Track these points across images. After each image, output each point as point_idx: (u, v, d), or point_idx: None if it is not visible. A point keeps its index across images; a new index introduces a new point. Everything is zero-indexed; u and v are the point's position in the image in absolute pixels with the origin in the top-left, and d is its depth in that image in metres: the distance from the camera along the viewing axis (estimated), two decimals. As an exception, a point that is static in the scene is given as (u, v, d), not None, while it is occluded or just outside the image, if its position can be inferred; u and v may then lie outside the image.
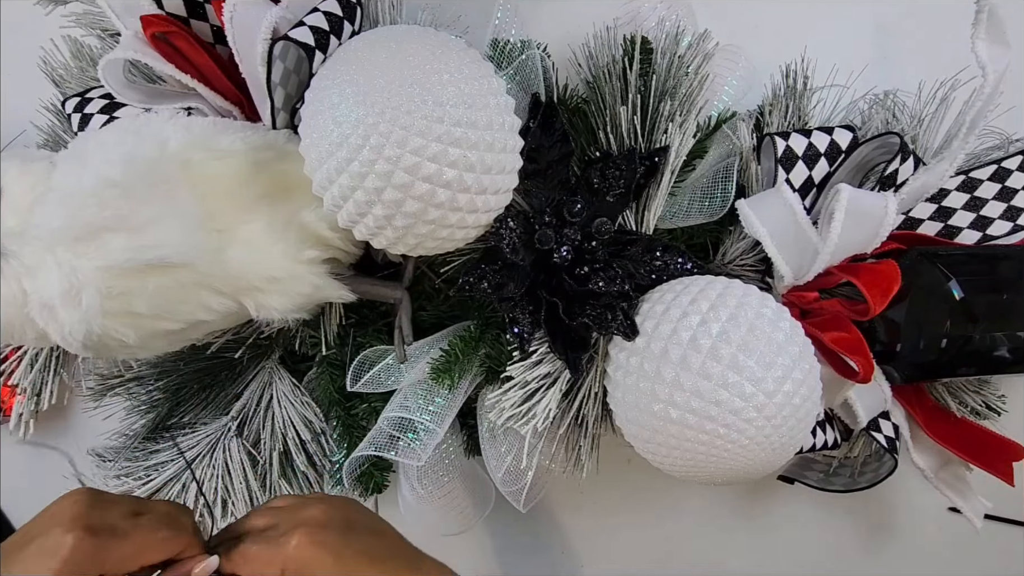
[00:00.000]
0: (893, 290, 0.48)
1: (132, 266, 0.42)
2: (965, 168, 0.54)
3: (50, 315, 0.43)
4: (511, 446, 0.55)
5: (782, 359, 0.44)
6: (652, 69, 0.52)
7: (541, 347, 0.52)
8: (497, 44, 0.53)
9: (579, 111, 0.54)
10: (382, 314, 0.58)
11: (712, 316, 0.46)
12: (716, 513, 0.74)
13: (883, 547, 0.74)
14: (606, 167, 0.51)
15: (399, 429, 0.55)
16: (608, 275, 0.50)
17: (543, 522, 0.74)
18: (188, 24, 0.48)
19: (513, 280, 0.51)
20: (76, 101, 0.53)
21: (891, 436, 0.57)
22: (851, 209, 0.48)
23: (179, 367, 0.60)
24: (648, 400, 0.46)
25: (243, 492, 0.59)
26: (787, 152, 0.52)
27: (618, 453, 0.57)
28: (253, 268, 0.46)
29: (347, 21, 0.45)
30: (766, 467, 0.47)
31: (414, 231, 0.44)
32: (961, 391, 0.61)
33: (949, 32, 0.53)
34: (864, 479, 0.62)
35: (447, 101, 0.40)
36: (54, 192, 0.43)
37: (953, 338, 0.51)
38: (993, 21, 0.46)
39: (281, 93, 0.46)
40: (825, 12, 0.64)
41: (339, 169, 0.41)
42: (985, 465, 0.56)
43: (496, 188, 0.44)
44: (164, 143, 0.45)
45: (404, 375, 0.55)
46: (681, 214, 0.54)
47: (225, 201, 0.46)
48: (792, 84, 0.57)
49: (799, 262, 0.51)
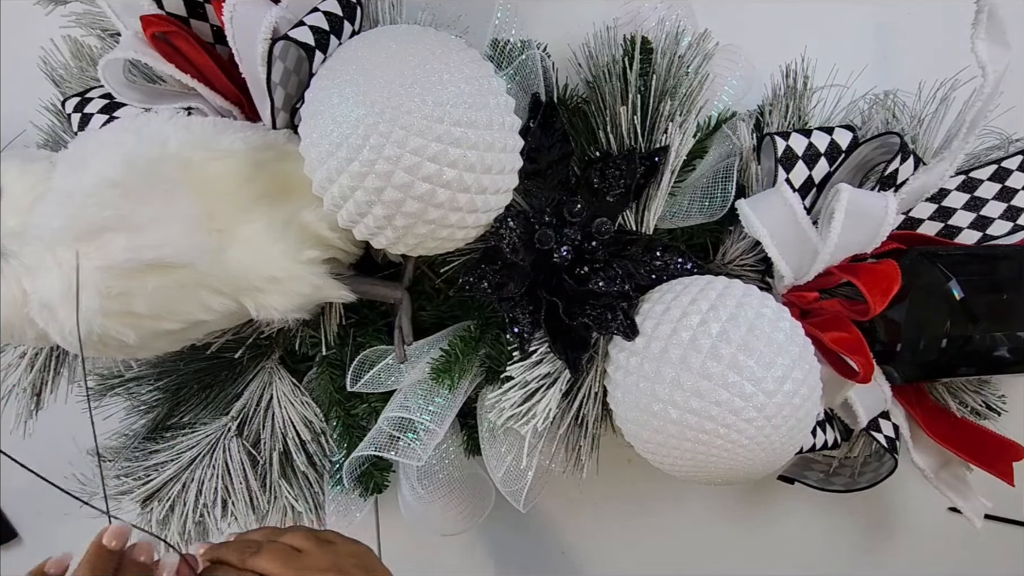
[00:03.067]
0: (893, 290, 0.48)
1: (132, 266, 0.42)
2: (965, 168, 0.54)
3: (50, 315, 0.43)
4: (511, 446, 0.55)
5: (782, 359, 0.44)
6: (652, 69, 0.52)
7: (541, 347, 0.52)
8: (497, 44, 0.53)
9: (579, 111, 0.54)
10: (382, 314, 0.58)
11: (712, 316, 0.46)
12: (716, 513, 0.74)
13: (883, 547, 0.74)
14: (606, 167, 0.51)
15: (399, 429, 0.55)
16: (608, 275, 0.51)
17: (543, 522, 0.74)
18: (188, 24, 0.48)
19: (513, 280, 0.51)
20: (76, 101, 0.53)
21: (891, 436, 0.57)
22: (851, 209, 0.48)
23: (179, 367, 0.60)
24: (648, 400, 0.46)
25: (243, 492, 0.59)
26: (787, 152, 0.52)
27: (618, 453, 0.57)
28: (253, 268, 0.46)
29: (347, 21, 0.45)
30: (766, 467, 0.47)
31: (414, 231, 0.44)
32: (961, 391, 0.61)
33: (949, 32, 0.53)
34: (864, 479, 0.62)
35: (447, 101, 0.40)
36: (54, 192, 0.43)
37: (953, 338, 0.51)
38: (993, 21, 0.47)
39: (281, 93, 0.46)
40: (825, 12, 0.64)
41: (339, 169, 0.41)
42: (985, 465, 0.56)
43: (496, 188, 0.44)
44: (164, 143, 0.45)
45: (404, 375, 0.55)
46: (681, 214, 0.54)
47: (225, 201, 0.46)
48: (792, 84, 0.57)
49: (799, 262, 0.51)
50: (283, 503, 0.60)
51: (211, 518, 0.58)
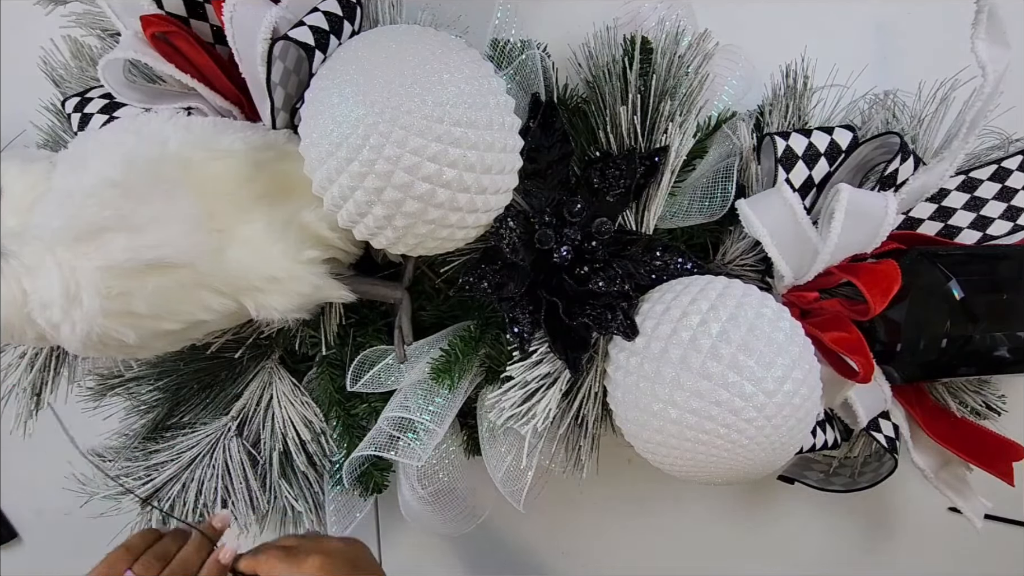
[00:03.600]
0: (893, 290, 0.48)
1: (132, 266, 0.42)
2: (965, 168, 0.54)
3: (49, 315, 0.43)
4: (511, 446, 0.55)
5: (782, 359, 0.44)
6: (652, 69, 0.52)
7: (541, 347, 0.52)
8: (497, 44, 0.53)
9: (579, 111, 0.54)
10: (382, 314, 0.58)
11: (712, 316, 0.46)
12: (716, 513, 0.74)
13: (883, 547, 0.74)
14: (606, 167, 0.51)
15: (399, 429, 0.55)
16: (608, 275, 0.51)
17: (543, 522, 0.74)
18: (188, 24, 0.48)
19: (513, 280, 0.51)
20: (76, 101, 0.53)
21: (891, 436, 0.57)
22: (851, 209, 0.48)
23: (179, 367, 0.60)
24: (648, 400, 0.46)
25: (243, 492, 0.59)
26: (787, 152, 0.52)
27: (618, 453, 0.57)
28: (253, 268, 0.46)
29: (347, 21, 0.45)
30: (766, 467, 0.47)
31: (414, 231, 0.44)
32: (961, 391, 0.61)
33: (949, 32, 0.53)
34: (864, 479, 0.62)
35: (447, 101, 0.40)
36: (54, 192, 0.43)
37: (953, 338, 0.51)
38: (993, 21, 0.47)
39: (281, 93, 0.46)
40: (825, 12, 0.64)
41: (339, 169, 0.41)
42: (985, 465, 0.56)
43: (496, 188, 0.44)
44: (164, 143, 0.45)
45: (404, 375, 0.55)
46: (681, 214, 0.54)
47: (225, 201, 0.46)
48: (792, 84, 0.57)
49: (799, 262, 0.51)
50: (283, 503, 0.60)
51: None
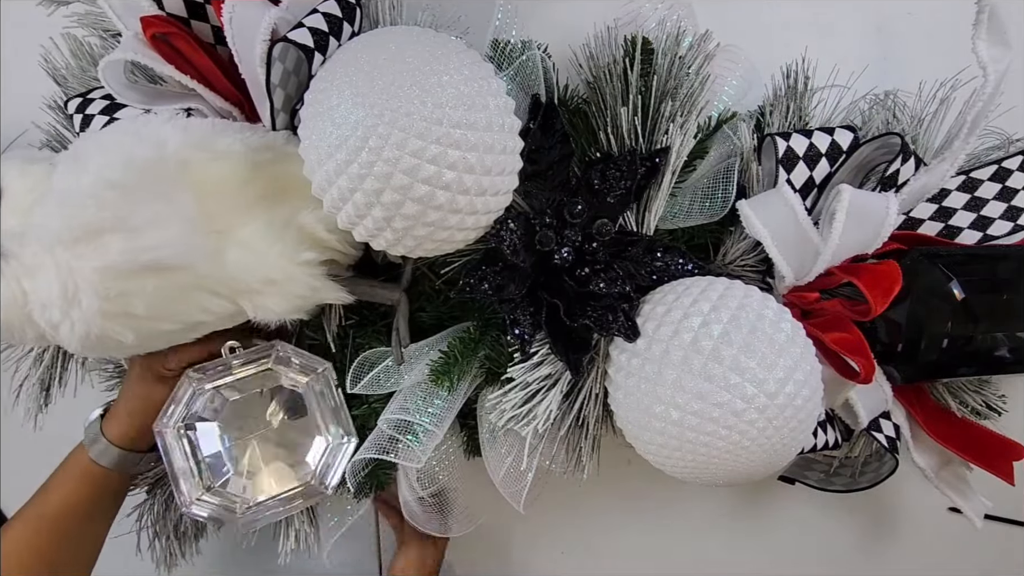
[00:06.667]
0: (894, 290, 0.48)
1: (129, 268, 0.42)
2: (966, 168, 0.54)
3: (49, 316, 0.43)
4: (511, 447, 0.55)
5: (784, 360, 0.44)
6: (653, 70, 0.52)
7: (542, 348, 0.52)
8: (497, 45, 0.53)
9: (580, 112, 0.54)
10: (382, 315, 0.58)
11: (713, 317, 0.46)
12: (717, 514, 0.74)
13: (883, 547, 0.74)
14: (607, 168, 0.51)
15: (399, 431, 0.55)
16: (609, 276, 0.50)
17: (544, 522, 0.74)
18: (188, 25, 0.48)
19: (514, 281, 0.51)
20: (78, 102, 0.53)
21: (892, 436, 0.57)
22: (852, 210, 0.48)
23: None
24: (649, 401, 0.46)
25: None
26: (788, 152, 0.52)
27: (618, 454, 0.57)
28: (251, 270, 0.46)
29: (346, 22, 0.45)
30: (767, 468, 0.46)
31: (413, 233, 0.43)
32: (961, 391, 0.61)
33: (949, 32, 0.53)
34: (865, 479, 0.62)
35: (446, 103, 0.40)
36: (54, 193, 0.43)
37: (954, 338, 0.51)
38: (994, 21, 0.46)
39: (280, 94, 0.46)
40: (825, 12, 0.64)
41: (338, 171, 0.41)
42: (985, 465, 0.56)
43: (496, 190, 0.44)
44: (163, 144, 0.45)
45: (404, 377, 0.55)
46: (682, 215, 0.54)
47: (223, 202, 0.46)
48: (793, 84, 0.57)
49: (800, 263, 0.51)
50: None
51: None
